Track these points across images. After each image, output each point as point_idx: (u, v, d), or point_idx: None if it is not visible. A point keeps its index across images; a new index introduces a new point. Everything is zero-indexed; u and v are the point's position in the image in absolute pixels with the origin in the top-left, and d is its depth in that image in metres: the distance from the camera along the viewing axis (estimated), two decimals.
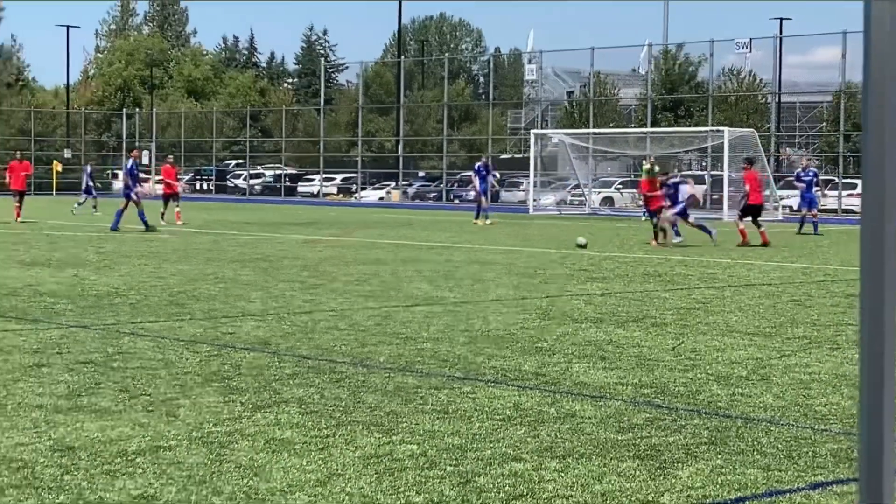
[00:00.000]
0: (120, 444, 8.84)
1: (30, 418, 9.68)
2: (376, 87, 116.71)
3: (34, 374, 11.68)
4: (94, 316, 16.38)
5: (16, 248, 29.50)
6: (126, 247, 30.90)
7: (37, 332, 14.75)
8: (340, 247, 32.03)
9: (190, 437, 9.04)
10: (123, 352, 13.17)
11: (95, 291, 19.48)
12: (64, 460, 8.34)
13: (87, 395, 10.65)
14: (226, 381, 11.48)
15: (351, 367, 12.35)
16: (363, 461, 8.36)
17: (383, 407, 10.28)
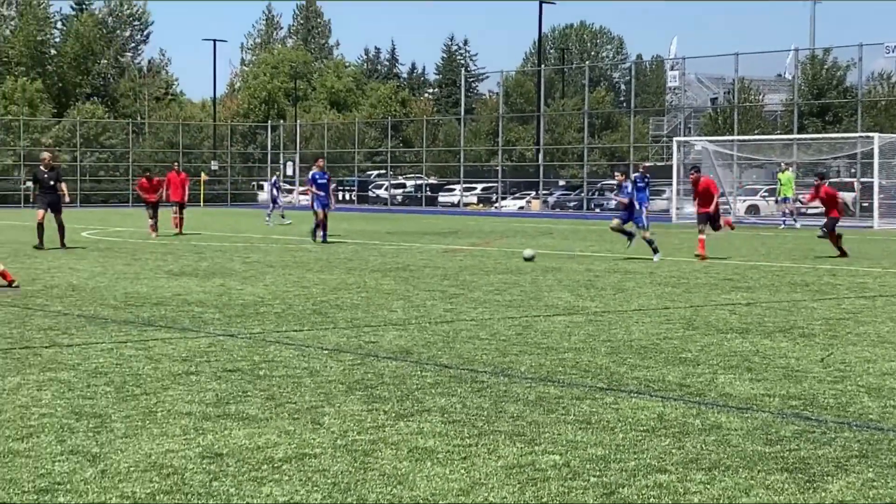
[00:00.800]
0: (266, 451, 8.94)
1: (179, 425, 9.84)
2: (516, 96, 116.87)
3: (183, 382, 11.87)
4: (241, 325, 16.60)
5: (164, 259, 30.00)
6: (271, 257, 31.28)
7: (185, 340, 14.99)
8: (480, 256, 32.05)
9: (334, 445, 9.11)
10: (269, 360, 13.33)
11: (242, 301, 19.74)
12: (212, 467, 8.47)
13: (235, 403, 10.79)
14: (369, 389, 11.56)
15: (492, 377, 12.35)
16: (506, 471, 8.36)
17: (525, 417, 10.26)
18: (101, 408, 10.55)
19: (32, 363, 13.03)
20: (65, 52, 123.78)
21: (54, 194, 33.39)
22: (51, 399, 10.94)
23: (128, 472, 8.31)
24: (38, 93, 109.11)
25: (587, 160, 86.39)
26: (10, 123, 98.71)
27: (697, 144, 68.61)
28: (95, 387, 11.58)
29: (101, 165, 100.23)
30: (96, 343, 14.68)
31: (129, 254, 32.47)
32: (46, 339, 15.06)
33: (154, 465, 8.52)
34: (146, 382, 11.83)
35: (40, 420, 10.02)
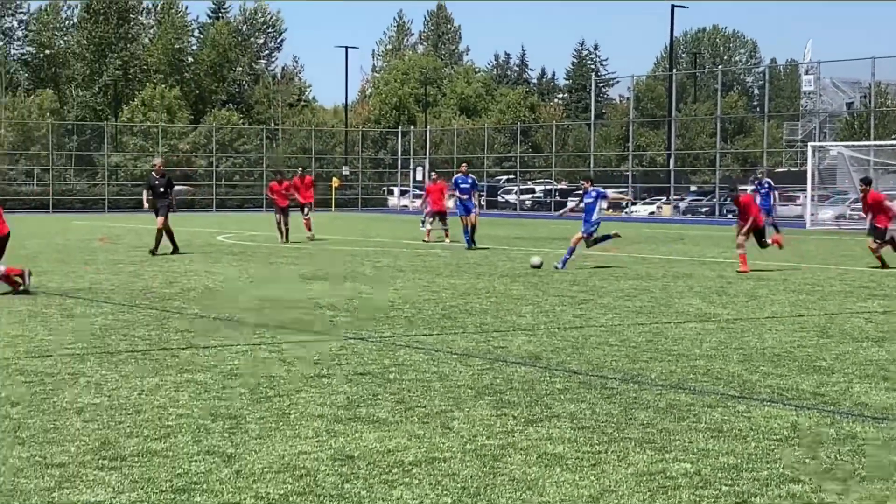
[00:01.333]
0: (397, 454, 9.01)
1: (311, 427, 9.94)
2: (647, 101, 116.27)
3: (315, 385, 11.99)
4: (371, 328, 16.71)
5: (297, 263, 30.29)
6: (401, 261, 31.42)
7: (317, 343, 15.12)
8: (609, 262, 31.88)
9: (464, 450, 9.15)
10: (399, 364, 13.41)
11: (372, 305, 19.86)
12: (344, 469, 8.55)
13: (366, 406, 10.88)
14: (498, 394, 11.58)
15: (622, 384, 12.30)
16: (636, 478, 8.32)
17: (656, 424, 10.20)
18: (236, 409, 10.71)
19: (170, 365, 13.27)
20: (201, 59, 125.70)
21: (165, 199, 33.45)
22: (188, 400, 11.14)
23: (262, 472, 8.43)
24: (176, 100, 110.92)
25: (719, 165, 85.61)
26: (149, 130, 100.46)
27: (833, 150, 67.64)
28: (230, 388, 11.75)
29: (236, 171, 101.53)
30: (231, 345, 14.89)
31: (263, 257, 32.87)
32: (183, 341, 15.33)
33: (287, 466, 8.63)
34: (279, 384, 11.98)
35: (177, 420, 10.20)
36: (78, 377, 12.38)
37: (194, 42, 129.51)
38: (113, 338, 15.52)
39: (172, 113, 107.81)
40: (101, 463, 8.67)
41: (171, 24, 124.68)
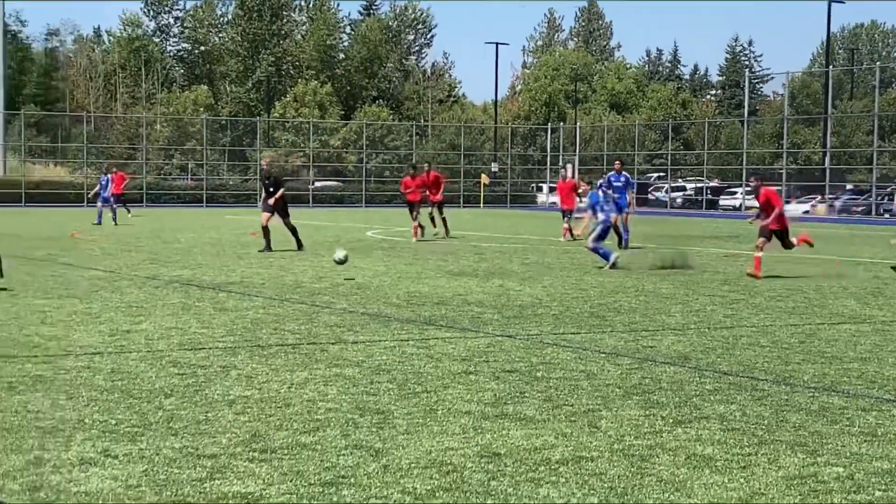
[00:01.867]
0: (544, 452, 9.00)
1: (459, 424, 9.99)
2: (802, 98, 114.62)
3: (462, 381, 12.04)
4: (519, 326, 16.72)
5: (445, 259, 30.39)
6: (549, 258, 31.36)
7: (465, 340, 15.19)
8: None
9: (611, 449, 9.11)
10: (547, 362, 13.39)
11: (520, 302, 19.87)
12: (490, 466, 8.57)
13: (513, 404, 10.89)
14: (646, 394, 11.51)
15: (773, 385, 12.15)
16: (787, 482, 8.21)
17: (808, 427, 10.05)
18: (384, 404, 10.79)
19: (319, 359, 13.43)
20: (352, 56, 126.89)
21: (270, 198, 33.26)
22: (336, 394, 11.26)
23: (409, 468, 8.49)
24: (328, 96, 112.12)
25: (876, 164, 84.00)
26: (301, 125, 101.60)
27: None
28: (378, 383, 11.85)
29: (386, 167, 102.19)
30: (379, 340, 15.02)
31: (410, 253, 33.03)
32: (332, 335, 15.49)
33: (434, 462, 8.67)
34: (427, 380, 12.06)
35: (326, 414, 10.32)
36: (229, 370, 12.59)
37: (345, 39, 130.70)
38: (264, 331, 15.75)
39: (324, 109, 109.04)
40: (251, 455, 8.81)
41: (322, 21, 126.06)
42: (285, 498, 7.70)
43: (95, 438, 9.31)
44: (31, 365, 12.63)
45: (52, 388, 11.39)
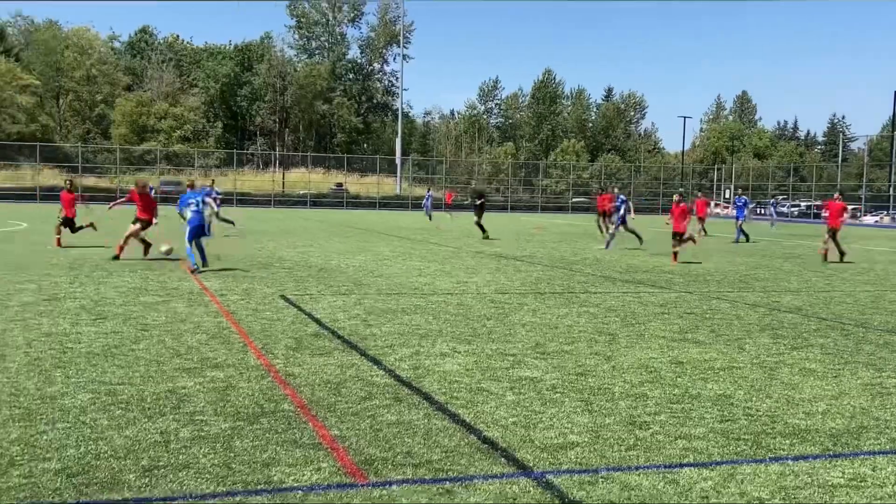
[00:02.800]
0: (709, 362, 8.87)
1: (658, 343, 9.90)
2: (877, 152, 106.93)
3: (660, 318, 11.88)
4: (695, 286, 16.27)
5: (646, 247, 29.76)
6: (709, 246, 30.29)
7: (662, 293, 14.91)
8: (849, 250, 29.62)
9: (752, 363, 8.88)
10: (712, 309, 13.04)
11: (696, 272, 19.32)
12: (677, 369, 8.48)
13: (691, 333, 10.71)
14: (774, 330, 11.09)
15: (854, 327, 11.49)
16: (862, 387, 7.85)
17: (876, 354, 9.54)
18: (613, 330, 10.77)
19: (574, 301, 13.44)
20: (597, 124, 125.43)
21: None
22: (584, 322, 11.26)
23: (627, 368, 8.49)
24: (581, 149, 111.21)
25: None
26: (565, 166, 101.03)
27: None
28: (609, 318, 11.81)
29: None
30: (610, 292, 14.89)
31: (627, 241, 32.44)
32: (582, 288, 15.43)
33: (643, 365, 8.64)
34: (639, 317, 11.92)
35: (578, 334, 10.36)
36: (523, 305, 12.76)
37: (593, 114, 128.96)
38: (542, 284, 15.86)
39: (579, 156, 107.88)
40: (535, 355, 8.96)
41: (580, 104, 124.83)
42: (554, 381, 7.81)
43: (448, 341, 9.63)
44: (414, 299, 13.10)
45: (426, 311, 11.81)
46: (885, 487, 5.35)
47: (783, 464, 5.70)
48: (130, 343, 8.98)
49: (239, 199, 71.66)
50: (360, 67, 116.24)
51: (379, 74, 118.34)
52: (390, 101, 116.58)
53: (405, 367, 8.21)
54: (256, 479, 5.16)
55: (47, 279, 14.33)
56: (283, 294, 13.26)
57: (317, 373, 7.85)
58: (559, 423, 6.48)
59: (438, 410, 6.70)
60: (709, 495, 5.12)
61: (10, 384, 7.15)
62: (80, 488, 4.94)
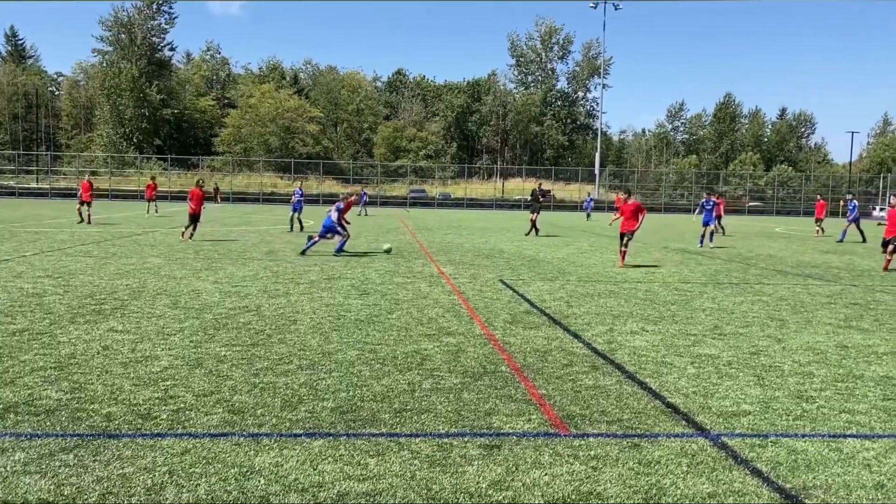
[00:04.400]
0: (873, 347, 8.09)
1: (824, 329, 9.10)
2: None
3: (827, 308, 10.89)
4: (860, 280, 14.77)
5: (827, 244, 27.46)
6: None
7: (828, 286, 13.65)
8: None
9: None
10: (876, 300, 11.80)
11: (861, 268, 17.61)
12: (841, 352, 7.77)
13: (855, 321, 9.76)
14: None
15: None
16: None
17: None
18: (783, 317, 10.04)
19: (749, 291, 12.61)
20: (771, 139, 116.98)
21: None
22: (758, 310, 10.52)
23: (795, 349, 7.88)
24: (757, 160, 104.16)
25: None
26: (742, 175, 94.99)
27: None
28: (780, 306, 10.98)
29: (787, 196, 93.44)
30: (782, 284, 13.87)
31: (798, 241, 30.10)
32: (756, 280, 14.43)
33: (810, 348, 7.96)
34: (806, 306, 11.03)
35: (752, 319, 9.72)
36: (703, 294, 12.10)
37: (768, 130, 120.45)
38: (720, 276, 14.99)
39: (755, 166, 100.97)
40: (713, 335, 8.50)
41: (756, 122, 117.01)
42: (730, 358, 7.37)
43: (637, 321, 9.36)
44: (608, 285, 12.74)
45: (618, 296, 11.51)
46: None
47: None
48: (386, 314, 9.40)
49: (468, 203, 73.49)
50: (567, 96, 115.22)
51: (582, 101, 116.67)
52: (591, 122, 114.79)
53: (600, 341, 8.06)
54: (480, 424, 5.26)
55: (327, 264, 15.28)
56: (501, 279, 13.37)
57: (528, 342, 7.88)
58: (734, 393, 6.14)
59: (628, 378, 6.54)
60: (871, 464, 4.68)
61: (299, 342, 7.70)
62: (348, 423, 5.24)
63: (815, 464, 4.66)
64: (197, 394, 5.79)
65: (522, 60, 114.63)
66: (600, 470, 4.52)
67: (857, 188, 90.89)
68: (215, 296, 10.40)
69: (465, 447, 4.83)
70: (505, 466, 4.55)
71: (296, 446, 4.79)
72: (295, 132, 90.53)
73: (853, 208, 29.69)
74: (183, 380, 6.14)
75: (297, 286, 11.69)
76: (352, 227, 23.56)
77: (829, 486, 4.36)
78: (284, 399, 5.72)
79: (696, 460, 4.69)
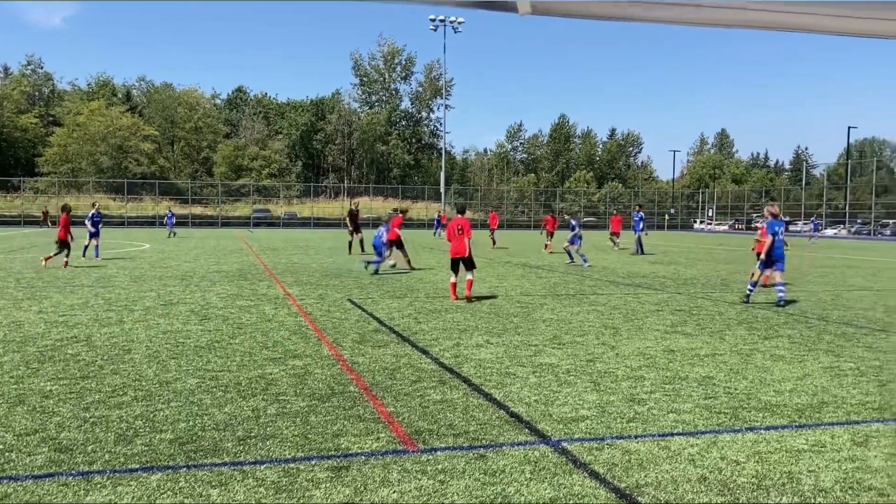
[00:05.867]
0: (695, 351, 8.72)
1: (653, 335, 9.77)
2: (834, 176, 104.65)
3: (655, 314, 11.72)
4: (684, 288, 16.06)
5: (647, 256, 29.38)
6: (697, 256, 29.85)
7: (656, 294, 14.71)
8: (811, 258, 29.00)
9: (731, 350, 8.73)
10: (698, 306, 12.85)
11: (685, 276, 19.08)
12: (668, 356, 8.36)
13: (680, 326, 10.55)
14: (749, 323, 10.89)
15: (816, 320, 11.24)
16: (822, 369, 7.68)
17: (835, 342, 9.33)
18: (616, 324, 10.65)
19: (584, 301, 13.30)
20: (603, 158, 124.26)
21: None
22: (594, 319, 11.13)
23: (627, 355, 8.39)
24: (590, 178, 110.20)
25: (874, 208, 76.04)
26: (577, 192, 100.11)
27: None
28: (613, 314, 11.68)
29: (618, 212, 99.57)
30: (614, 294, 14.74)
31: (627, 253, 32.05)
32: (590, 290, 15.29)
33: (641, 353, 8.52)
34: (637, 314, 11.79)
35: (588, 328, 10.24)
36: (543, 305, 12.67)
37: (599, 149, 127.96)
38: (559, 287, 15.73)
39: (588, 184, 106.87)
40: (553, 345, 8.89)
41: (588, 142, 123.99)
42: (569, 366, 7.74)
43: (483, 334, 9.59)
44: (455, 301, 13.00)
45: (465, 311, 11.74)
46: (841, 452, 5.24)
47: (757, 433, 5.60)
48: (228, 339, 9.09)
49: (316, 222, 72.53)
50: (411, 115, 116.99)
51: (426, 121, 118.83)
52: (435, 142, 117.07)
53: (448, 355, 8.20)
54: (328, 447, 5.19)
55: (164, 289, 14.57)
56: (350, 298, 13.30)
57: (377, 361, 7.88)
58: (572, 400, 6.43)
59: (474, 391, 6.68)
60: (695, 459, 5.05)
61: (134, 372, 7.27)
62: (189, 454, 5.01)
63: (647, 462, 4.96)
64: (18, 433, 5.32)
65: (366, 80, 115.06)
66: (447, 483, 4.58)
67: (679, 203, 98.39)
68: (40, 326, 9.62)
69: (313, 471, 4.74)
70: (353, 487, 4.51)
71: (131, 482, 4.51)
72: (128, 151, 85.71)
73: (638, 220, 29.67)
74: (1, 419, 5.63)
75: (132, 313, 11.06)
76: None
77: (659, 482, 4.65)
78: (118, 433, 5.37)
79: (539, 466, 4.86)
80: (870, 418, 5.99)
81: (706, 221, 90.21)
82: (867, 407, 6.31)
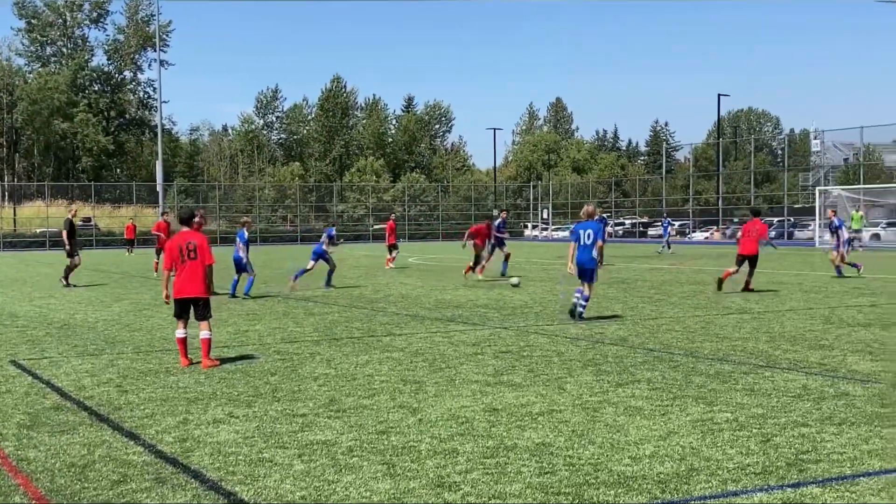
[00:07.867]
0: (527, 407, 9.02)
1: (470, 389, 10.00)
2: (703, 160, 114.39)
3: (473, 360, 12.05)
4: (511, 321, 16.71)
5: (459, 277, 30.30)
6: (532, 274, 31.23)
7: (475, 331, 15.19)
8: (677, 272, 31.38)
9: (573, 404, 9.12)
10: (530, 345, 13.40)
11: (513, 304, 19.87)
12: (491, 417, 8.58)
13: (507, 374, 10.90)
14: (597, 365, 11.50)
15: (683, 357, 12.12)
16: (692, 423, 8.21)
17: (707, 386, 10.05)
18: (419, 377, 10.81)
19: (376, 346, 13.45)
20: (397, 139, 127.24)
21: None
22: (387, 371, 11.28)
23: (436, 420, 8.50)
24: (381, 167, 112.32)
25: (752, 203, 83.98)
26: (363, 187, 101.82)
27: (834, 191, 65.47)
28: (416, 363, 11.87)
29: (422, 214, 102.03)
30: (416, 333, 15.03)
31: (438, 273, 33.01)
32: (385, 330, 15.51)
33: (454, 415, 8.68)
34: (449, 360, 12.06)
35: (380, 385, 10.34)
36: (315, 355, 12.63)
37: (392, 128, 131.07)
38: (338, 328, 15.78)
39: (378, 175, 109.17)
40: (329, 413, 8.84)
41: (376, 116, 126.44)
42: (351, 443, 7.72)
43: (223, 404, 9.37)
44: (177, 356, 12.60)
45: (196, 370, 11.45)
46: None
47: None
48: None
49: None
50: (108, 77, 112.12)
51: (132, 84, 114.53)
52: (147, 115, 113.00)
53: (170, 439, 7.88)
54: None
55: None
56: (13, 359, 12.55)
57: (57, 455, 7.42)
58: (356, 491, 6.38)
59: (210, 490, 6.45)
60: None
61: None
62: None
63: None
64: None
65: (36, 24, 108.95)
66: None
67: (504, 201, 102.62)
68: None
69: None
70: None
71: None
72: None
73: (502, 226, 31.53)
74: None
75: None
76: None
77: None
78: None
79: None
80: (751, 486, 6.45)
81: (540, 226, 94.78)
82: (748, 472, 6.80)
